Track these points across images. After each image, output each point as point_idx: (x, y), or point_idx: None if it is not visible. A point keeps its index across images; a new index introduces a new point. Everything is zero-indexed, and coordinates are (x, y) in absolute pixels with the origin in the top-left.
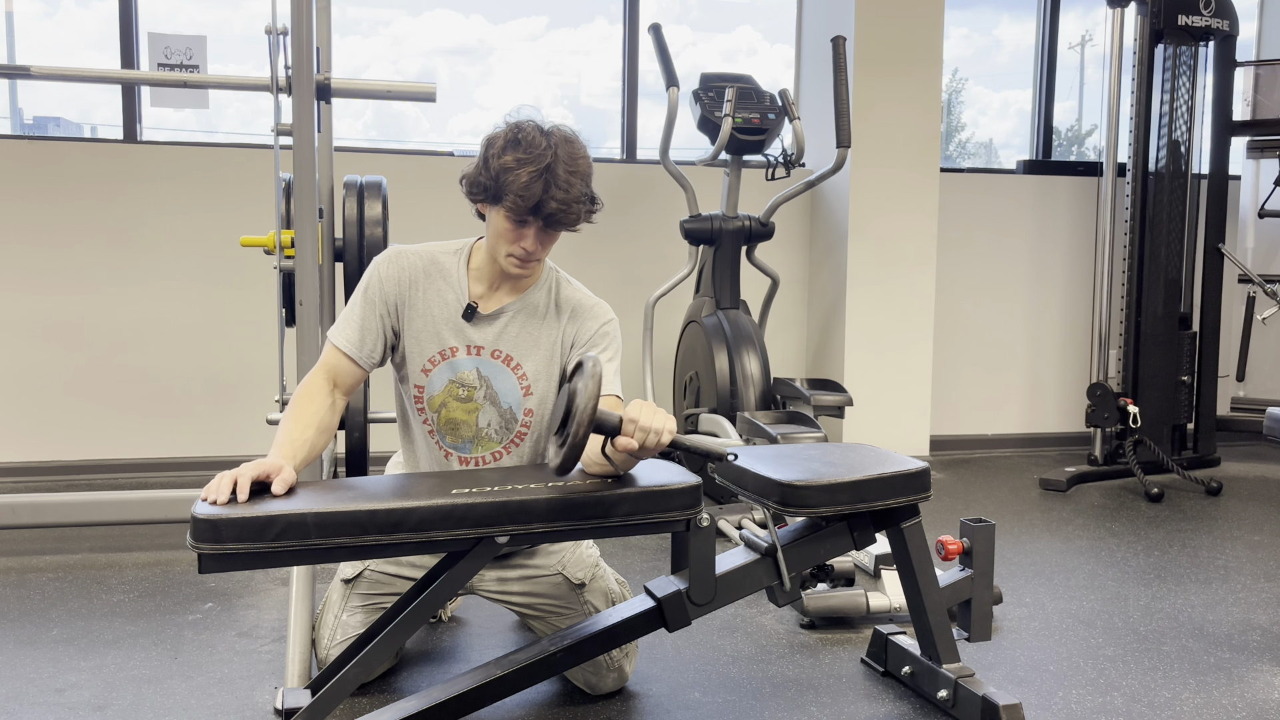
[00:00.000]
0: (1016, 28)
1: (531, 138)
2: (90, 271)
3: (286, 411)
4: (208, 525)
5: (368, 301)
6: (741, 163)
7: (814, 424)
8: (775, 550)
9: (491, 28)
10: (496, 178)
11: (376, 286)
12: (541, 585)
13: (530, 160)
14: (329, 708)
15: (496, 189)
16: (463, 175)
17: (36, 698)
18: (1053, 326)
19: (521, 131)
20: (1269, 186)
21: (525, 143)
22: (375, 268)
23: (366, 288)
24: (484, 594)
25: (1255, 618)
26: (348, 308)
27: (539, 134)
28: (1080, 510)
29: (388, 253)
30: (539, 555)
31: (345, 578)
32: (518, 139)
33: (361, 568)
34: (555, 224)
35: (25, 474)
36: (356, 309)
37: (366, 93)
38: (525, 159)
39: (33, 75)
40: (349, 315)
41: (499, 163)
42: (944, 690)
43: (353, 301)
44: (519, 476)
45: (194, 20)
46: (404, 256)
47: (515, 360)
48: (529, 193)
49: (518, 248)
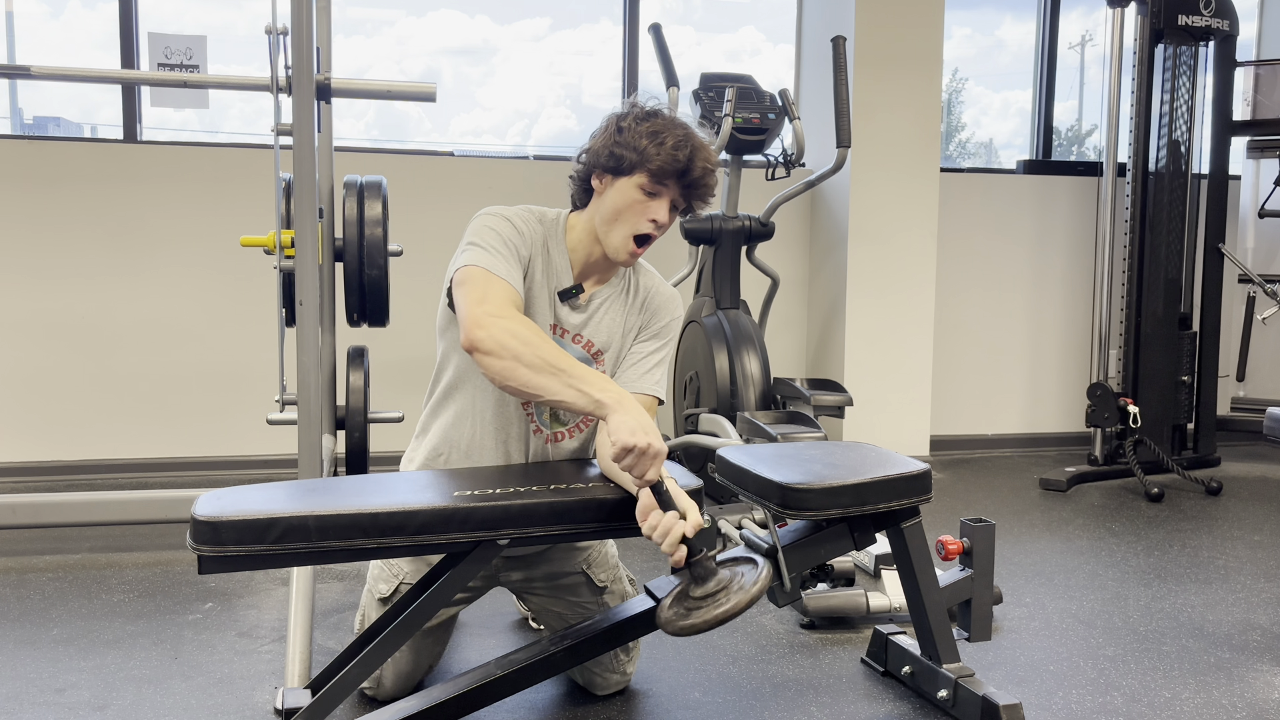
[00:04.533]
0: (1019, 28)
1: (664, 112)
2: (90, 271)
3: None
4: (208, 526)
5: (510, 249)
6: (741, 163)
7: (814, 424)
8: (776, 551)
9: (496, 28)
10: (635, 145)
11: (514, 239)
12: (564, 584)
13: (674, 126)
14: (329, 708)
15: (637, 156)
16: (583, 151)
17: (36, 698)
18: (1053, 326)
19: (651, 107)
20: (1269, 186)
21: (660, 115)
22: (506, 221)
23: (505, 239)
24: (507, 584)
25: (1255, 618)
26: (485, 249)
27: (661, 110)
28: (1080, 510)
29: (510, 211)
30: (563, 550)
31: (381, 596)
32: (652, 112)
33: (396, 583)
34: (697, 191)
35: (25, 474)
36: (500, 253)
37: (366, 93)
38: (668, 125)
39: (33, 75)
40: (500, 258)
41: (639, 129)
42: (944, 690)
43: (489, 244)
44: (520, 479)
45: (198, 21)
46: (525, 219)
47: (597, 348)
48: (678, 154)
49: (645, 220)
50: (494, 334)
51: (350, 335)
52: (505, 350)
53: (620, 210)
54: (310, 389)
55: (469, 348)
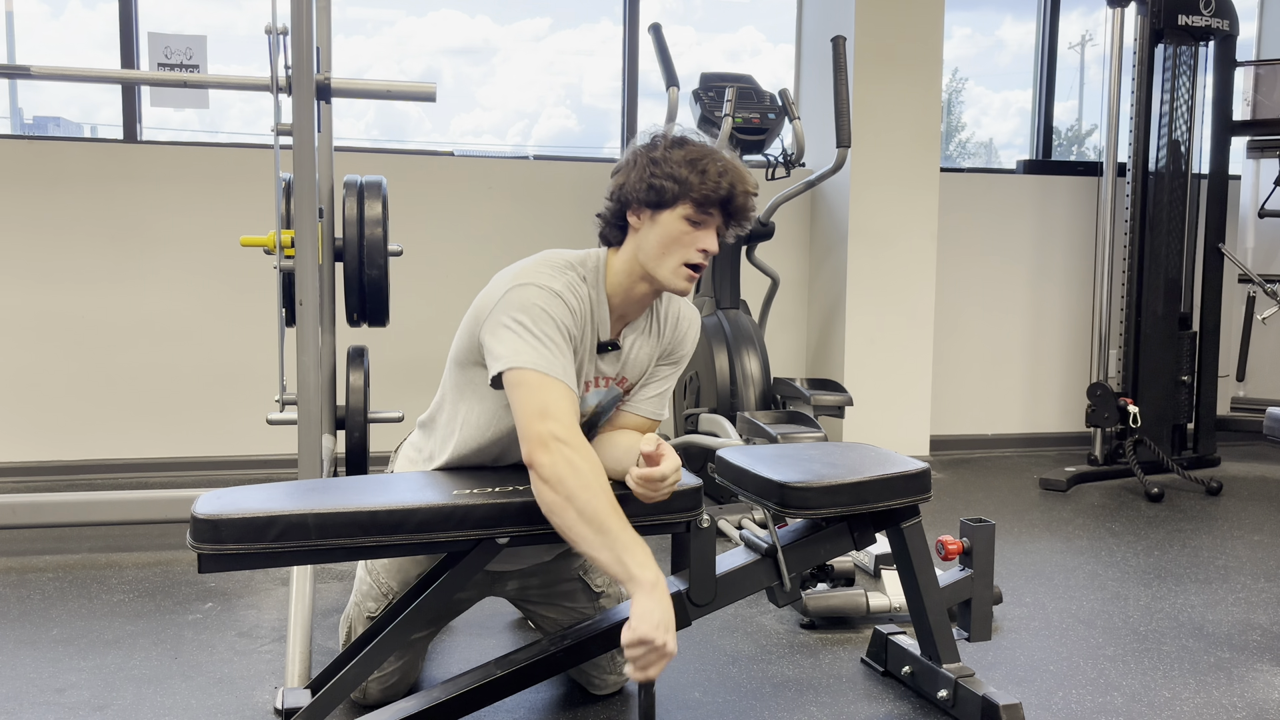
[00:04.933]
0: (1019, 28)
1: (692, 138)
2: (90, 271)
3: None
4: (208, 525)
5: (564, 336)
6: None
7: (814, 424)
8: (775, 551)
9: (496, 28)
10: (674, 175)
11: (567, 322)
12: (560, 590)
13: (710, 153)
14: (329, 708)
15: (679, 187)
16: (617, 190)
17: (36, 698)
18: (1053, 326)
19: (677, 134)
20: (1269, 186)
21: (692, 142)
22: (559, 300)
23: (558, 324)
24: (502, 594)
25: (1255, 618)
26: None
27: (689, 134)
28: (1080, 510)
29: (561, 283)
30: (559, 556)
31: (370, 614)
32: (681, 139)
33: (385, 603)
34: (739, 218)
35: (25, 474)
36: (556, 345)
37: (366, 92)
38: (705, 152)
39: (33, 75)
40: (555, 353)
41: (674, 158)
42: (944, 690)
43: (545, 333)
44: (520, 478)
45: (199, 21)
46: (575, 288)
47: (630, 383)
48: (720, 183)
49: (695, 251)
50: (556, 464)
51: (350, 335)
52: (562, 486)
53: (668, 244)
54: (310, 389)
55: (529, 465)
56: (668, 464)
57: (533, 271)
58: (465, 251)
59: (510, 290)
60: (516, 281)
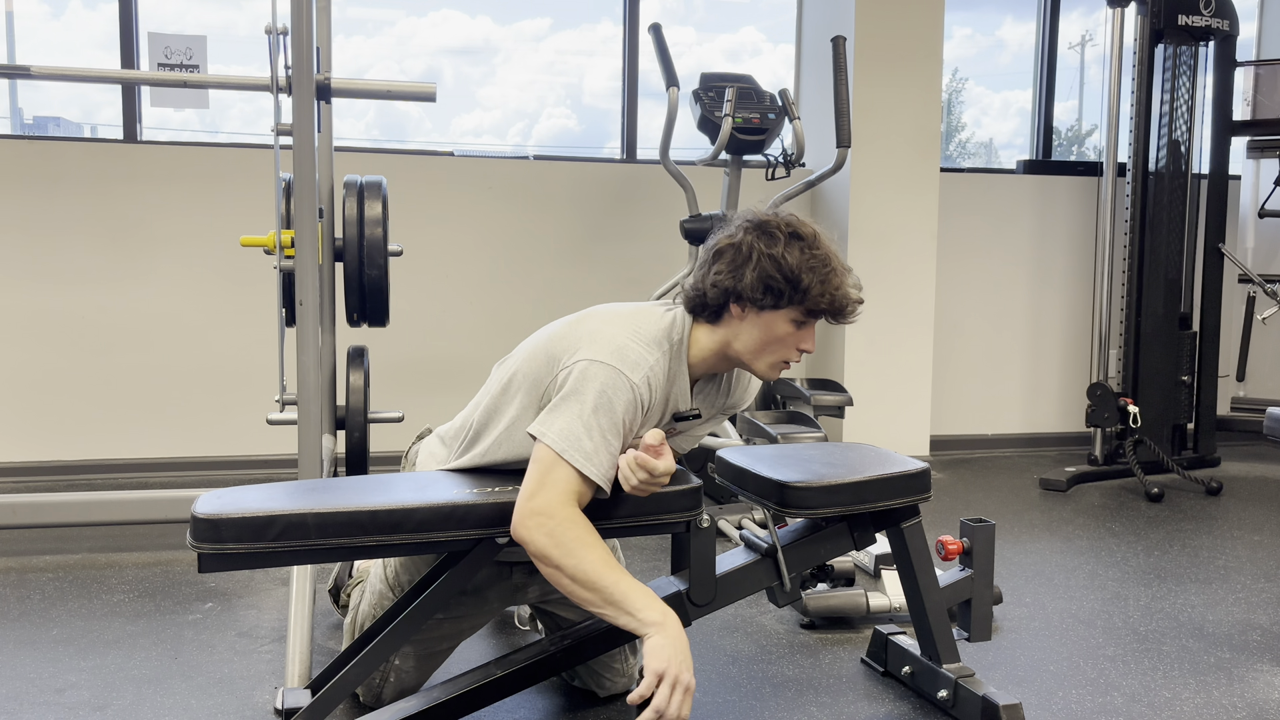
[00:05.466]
0: (1019, 28)
1: (804, 229)
2: (90, 271)
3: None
4: (208, 524)
5: (618, 434)
6: (741, 163)
7: (814, 424)
8: (775, 551)
9: (497, 28)
10: (794, 280)
11: (629, 417)
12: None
13: (830, 259)
14: (329, 708)
15: (799, 294)
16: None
17: (36, 698)
18: (1053, 326)
19: (791, 225)
20: (1269, 186)
21: (805, 236)
22: (633, 393)
23: (618, 422)
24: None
25: (1255, 618)
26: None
27: (800, 223)
28: (1080, 510)
29: (640, 375)
30: None
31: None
32: (797, 232)
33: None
34: (847, 319)
35: (25, 474)
36: (608, 440)
37: (366, 92)
38: (825, 257)
39: (33, 75)
40: (603, 445)
41: (795, 261)
42: (944, 690)
43: (602, 428)
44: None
45: (199, 21)
46: (654, 375)
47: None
48: (838, 295)
49: (795, 350)
50: (537, 539)
51: (350, 335)
52: (548, 559)
53: (770, 342)
54: (310, 389)
55: (517, 537)
56: (665, 462)
57: (624, 348)
58: (465, 251)
59: (594, 365)
60: (604, 358)
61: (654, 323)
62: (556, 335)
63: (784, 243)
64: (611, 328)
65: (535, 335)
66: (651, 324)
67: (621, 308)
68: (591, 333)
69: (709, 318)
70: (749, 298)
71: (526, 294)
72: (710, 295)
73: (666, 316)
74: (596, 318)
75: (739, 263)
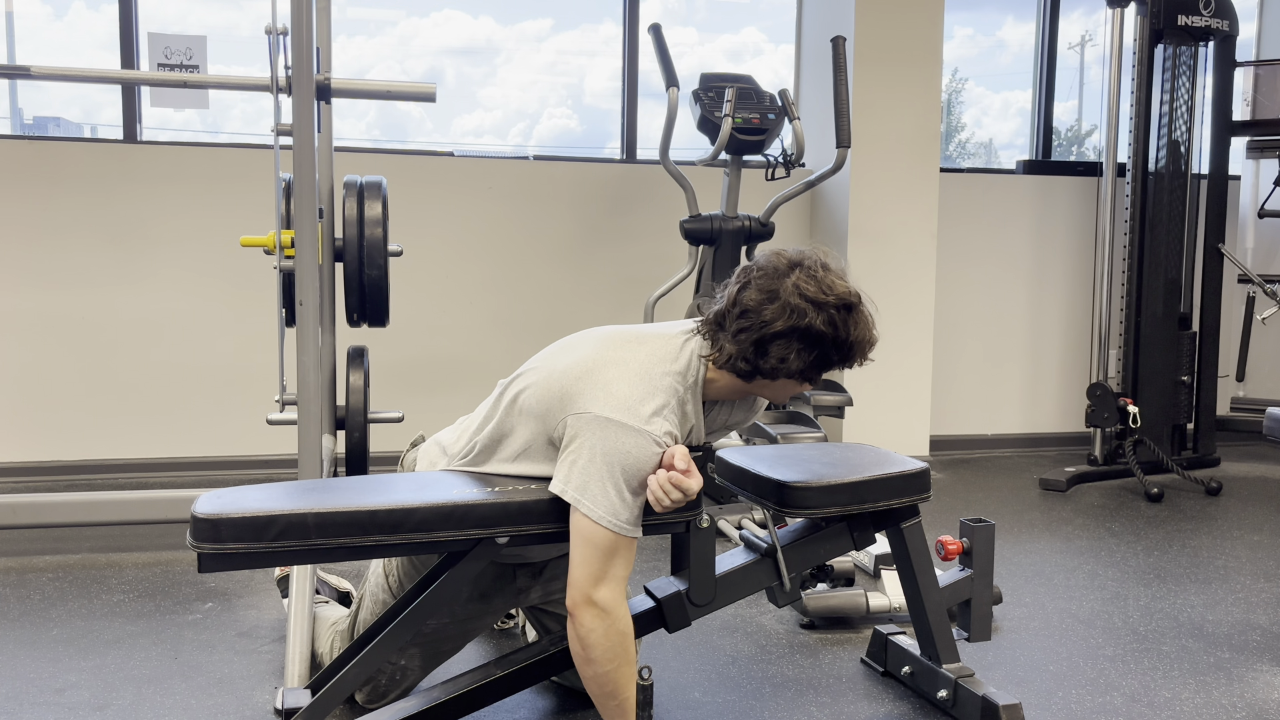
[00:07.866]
0: (1019, 28)
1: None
2: (90, 271)
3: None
4: (208, 524)
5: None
6: (741, 163)
7: (814, 424)
8: (775, 551)
9: (499, 29)
10: (848, 348)
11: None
12: None
13: (866, 316)
14: (329, 708)
15: (845, 356)
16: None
17: (36, 698)
18: (1053, 326)
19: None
20: (1269, 186)
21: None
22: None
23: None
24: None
25: (1255, 618)
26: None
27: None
28: (1080, 510)
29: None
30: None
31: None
32: (847, 302)
33: None
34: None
35: (25, 474)
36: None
37: (366, 93)
38: (863, 316)
39: (33, 75)
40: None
41: (855, 334)
42: (944, 690)
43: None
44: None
45: (199, 21)
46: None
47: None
48: (859, 357)
49: (806, 387)
50: (594, 631)
51: (350, 335)
52: (591, 650)
53: (790, 387)
54: (310, 389)
55: (570, 610)
56: (696, 480)
57: (636, 399)
58: (465, 251)
59: (609, 425)
60: (617, 415)
61: (666, 365)
62: (571, 372)
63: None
64: (626, 382)
65: (547, 358)
66: (663, 368)
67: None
68: (607, 385)
69: (737, 370)
70: (788, 375)
71: (526, 294)
72: (744, 359)
73: (682, 357)
74: (611, 365)
75: (786, 355)
